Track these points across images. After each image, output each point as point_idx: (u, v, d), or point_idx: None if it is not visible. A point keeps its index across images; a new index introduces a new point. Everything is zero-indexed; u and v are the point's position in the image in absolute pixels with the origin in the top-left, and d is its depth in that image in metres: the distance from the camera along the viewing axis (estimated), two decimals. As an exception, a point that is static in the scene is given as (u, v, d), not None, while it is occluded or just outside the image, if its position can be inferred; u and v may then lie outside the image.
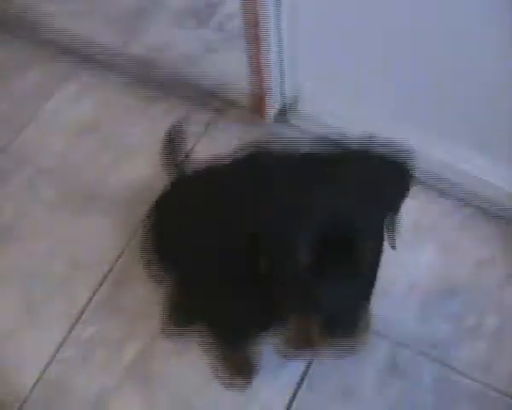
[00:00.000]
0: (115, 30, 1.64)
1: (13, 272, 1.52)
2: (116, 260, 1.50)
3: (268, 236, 0.91)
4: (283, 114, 1.60)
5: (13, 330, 1.44)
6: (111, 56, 1.75)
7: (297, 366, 1.33)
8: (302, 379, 1.31)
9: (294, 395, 1.30)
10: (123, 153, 1.68)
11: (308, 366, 1.32)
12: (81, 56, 1.86)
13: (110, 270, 1.48)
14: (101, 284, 1.47)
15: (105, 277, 1.48)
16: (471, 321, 1.35)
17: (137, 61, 1.69)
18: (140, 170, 1.62)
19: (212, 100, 1.62)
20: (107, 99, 1.80)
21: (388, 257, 1.39)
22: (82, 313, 1.44)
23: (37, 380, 1.37)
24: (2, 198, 1.66)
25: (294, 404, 1.30)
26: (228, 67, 1.50)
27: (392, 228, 1.09)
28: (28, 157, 1.72)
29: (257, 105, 1.54)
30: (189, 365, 1.35)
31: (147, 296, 1.42)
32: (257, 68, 1.46)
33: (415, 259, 1.43)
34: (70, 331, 1.42)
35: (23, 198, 1.65)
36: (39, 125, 1.79)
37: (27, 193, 1.66)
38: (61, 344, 1.40)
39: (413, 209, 1.50)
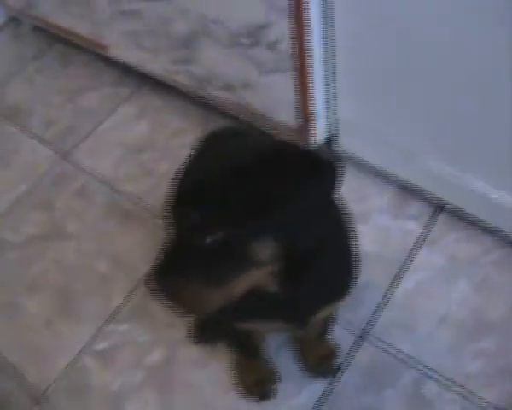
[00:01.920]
0: (173, 52, 1.72)
1: (59, 266, 1.60)
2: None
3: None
4: (329, 141, 1.63)
5: (51, 319, 1.51)
6: (170, 78, 1.83)
7: (319, 385, 1.32)
8: (323, 399, 1.30)
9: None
10: (172, 169, 1.72)
11: (330, 386, 1.31)
12: (144, 78, 1.97)
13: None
14: (136, 288, 1.51)
15: (140, 281, 1.52)
16: (502, 362, 1.31)
17: (195, 83, 1.75)
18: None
19: (261, 121, 1.66)
20: (165, 121, 1.90)
21: (421, 288, 1.42)
22: (116, 312, 1.49)
23: (65, 368, 1.42)
24: (59, 200, 1.76)
25: (313, 423, 1.28)
26: (277, 88, 1.53)
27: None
28: (85, 166, 1.82)
29: (304, 129, 1.57)
30: (210, 374, 1.37)
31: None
32: (303, 91, 1.49)
33: (448, 292, 1.41)
34: (102, 328, 1.46)
35: (77, 202, 1.74)
36: (98, 139, 1.90)
37: (81, 197, 1.75)
38: (93, 339, 1.45)
39: (451, 242, 1.49)
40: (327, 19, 1.39)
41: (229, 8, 1.48)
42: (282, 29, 1.41)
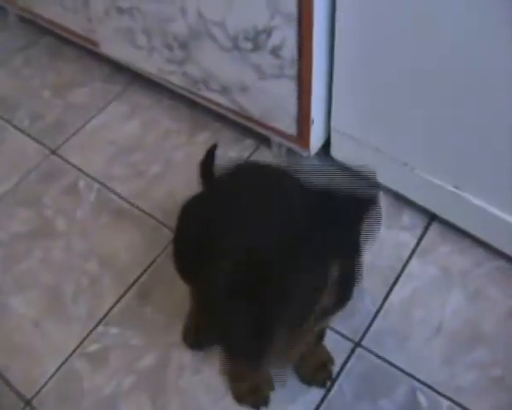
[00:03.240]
0: (168, 52, 1.70)
1: (48, 265, 1.57)
2: (145, 270, 1.53)
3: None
4: (326, 147, 1.63)
5: (39, 319, 1.48)
6: (163, 78, 1.81)
7: (314, 394, 1.31)
8: (318, 407, 1.30)
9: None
10: (164, 171, 1.73)
11: (326, 395, 1.31)
12: (135, 76, 1.96)
13: (138, 278, 1.51)
14: (128, 290, 1.49)
15: (133, 284, 1.50)
16: (494, 373, 1.33)
17: (189, 84, 1.74)
18: (179, 187, 1.66)
19: (258, 127, 1.66)
20: (155, 120, 1.88)
21: (415, 298, 1.43)
22: (107, 314, 1.46)
23: (55, 371, 1.39)
24: (47, 196, 1.72)
25: (308, 432, 1.28)
26: (276, 94, 1.53)
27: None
28: (75, 162, 1.79)
29: (300, 136, 1.57)
30: (204, 379, 1.35)
31: (169, 309, 1.44)
32: (302, 99, 1.49)
33: (441, 303, 1.42)
34: (93, 330, 1.44)
35: (66, 199, 1.71)
36: (88, 136, 1.87)
37: (71, 194, 1.72)
38: (83, 341, 1.42)
39: (444, 254, 1.50)
40: (331, 29, 1.39)
41: (231, 11, 1.47)
42: (285, 35, 1.41)
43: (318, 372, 1.34)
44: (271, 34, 1.44)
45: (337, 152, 1.61)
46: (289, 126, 1.57)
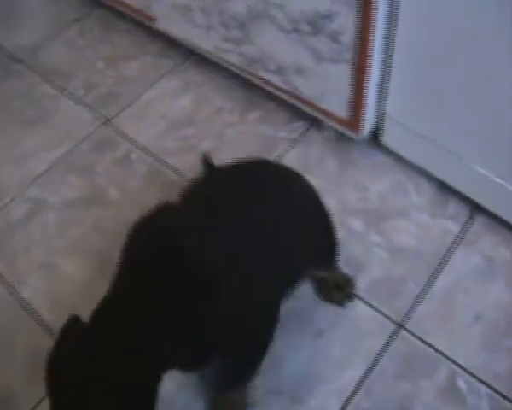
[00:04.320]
0: (226, 31, 1.73)
1: (98, 231, 1.62)
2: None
3: None
4: (376, 133, 1.66)
5: (89, 282, 1.53)
6: (218, 56, 1.84)
7: (357, 370, 1.36)
8: (360, 383, 1.34)
9: (348, 402, 1.33)
10: (215, 146, 1.76)
11: (368, 373, 1.35)
12: (189, 52, 1.99)
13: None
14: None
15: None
16: (533, 362, 1.36)
17: (244, 64, 1.77)
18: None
19: (310, 108, 1.69)
20: (207, 97, 1.91)
21: (457, 285, 1.46)
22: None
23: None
24: (100, 165, 1.77)
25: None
26: (332, 78, 1.56)
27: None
28: (127, 134, 1.84)
29: (352, 120, 1.60)
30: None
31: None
32: (358, 84, 1.52)
33: (483, 291, 1.45)
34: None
35: (119, 169, 1.76)
36: (141, 108, 1.92)
37: (123, 165, 1.77)
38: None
39: (487, 244, 1.53)
40: (392, 16, 1.42)
41: (293, -6, 1.50)
42: (346, 20, 1.44)
43: (335, 292, 1.43)
44: (332, 19, 1.46)
45: (388, 138, 1.64)
46: (342, 110, 1.60)
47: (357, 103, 1.56)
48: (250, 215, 1.11)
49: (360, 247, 1.53)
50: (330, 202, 1.51)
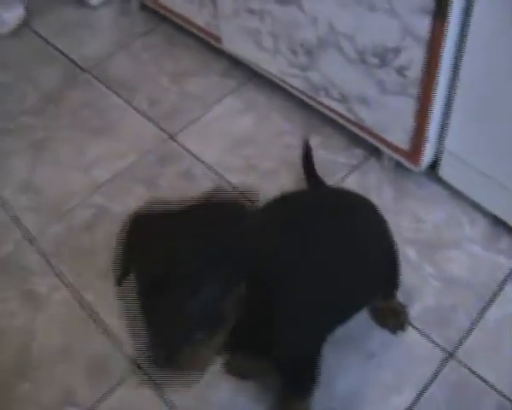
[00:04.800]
0: (292, 56, 1.79)
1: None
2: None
3: None
4: (434, 165, 1.71)
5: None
6: (282, 80, 1.91)
7: (407, 396, 1.39)
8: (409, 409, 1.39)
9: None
10: (276, 167, 1.83)
11: (417, 399, 1.39)
12: (252, 73, 2.06)
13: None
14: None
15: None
16: None
17: (308, 89, 1.83)
18: (290, 185, 1.76)
19: (371, 137, 1.74)
20: (269, 118, 1.98)
21: (509, 320, 1.49)
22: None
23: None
24: (163, 178, 1.84)
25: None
26: (395, 110, 1.61)
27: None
28: (191, 149, 1.91)
29: (412, 152, 1.65)
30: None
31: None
32: (421, 117, 1.57)
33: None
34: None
35: (182, 183, 1.82)
36: (204, 126, 1.99)
37: (186, 180, 1.83)
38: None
39: None
40: (458, 55, 1.47)
41: (363, 27, 1.55)
42: (413, 56, 1.49)
43: (390, 319, 1.48)
44: (400, 54, 1.51)
45: (445, 171, 1.68)
46: (403, 141, 1.65)
47: (418, 136, 1.61)
48: (323, 234, 1.17)
49: (413, 275, 1.57)
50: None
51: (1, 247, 1.72)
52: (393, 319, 1.48)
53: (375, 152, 1.82)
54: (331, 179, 1.75)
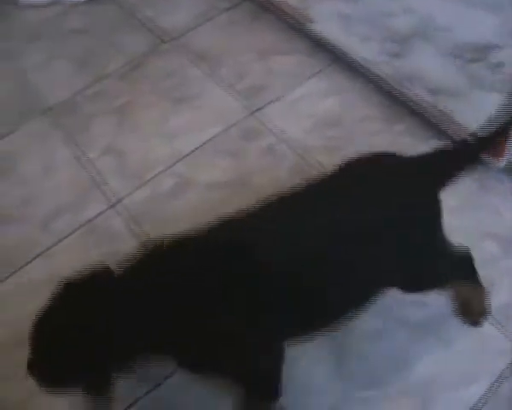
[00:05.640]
0: (383, 44, 1.81)
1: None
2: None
3: None
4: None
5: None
6: (370, 66, 1.94)
7: (478, 388, 1.42)
8: (482, 402, 1.40)
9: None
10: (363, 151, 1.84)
11: (490, 391, 1.42)
12: (337, 56, 2.08)
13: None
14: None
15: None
16: None
17: (395, 77, 1.85)
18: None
19: (456, 130, 1.76)
20: (352, 102, 1.99)
21: None
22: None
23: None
24: (247, 152, 1.88)
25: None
26: (484, 104, 1.63)
27: None
28: (274, 126, 1.95)
29: (497, 149, 1.67)
30: None
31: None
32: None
33: None
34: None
35: (264, 159, 1.86)
36: (288, 104, 2.02)
37: (269, 156, 1.87)
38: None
39: None
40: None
41: (461, 22, 1.57)
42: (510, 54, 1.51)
43: (473, 313, 1.51)
44: (496, 51, 1.53)
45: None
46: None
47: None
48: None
49: (493, 269, 1.59)
50: (467, 223, 1.60)
51: (85, 209, 1.79)
52: (475, 312, 1.51)
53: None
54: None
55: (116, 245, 1.68)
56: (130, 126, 1.99)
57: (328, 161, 1.82)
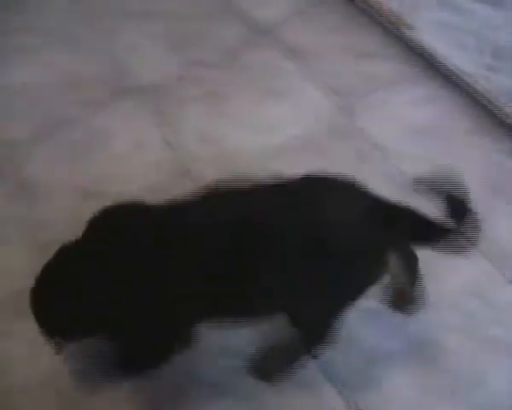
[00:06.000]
0: (482, 57, 1.77)
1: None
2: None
3: None
4: None
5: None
6: (469, 78, 1.91)
7: None
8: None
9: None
10: (456, 165, 1.75)
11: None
12: (433, 65, 2.05)
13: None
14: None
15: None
16: None
17: (494, 93, 1.81)
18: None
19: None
20: (449, 113, 1.96)
21: None
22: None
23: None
24: (335, 152, 1.85)
25: None
26: None
27: None
28: (364, 128, 1.92)
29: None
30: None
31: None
32: None
33: None
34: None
35: (354, 159, 1.84)
36: (381, 108, 2.00)
37: (359, 157, 1.84)
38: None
39: None
40: None
41: None
42: None
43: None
44: None
45: None
46: None
47: None
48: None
49: None
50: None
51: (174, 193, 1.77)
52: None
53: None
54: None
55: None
56: (221, 115, 1.98)
57: (416, 169, 1.75)
